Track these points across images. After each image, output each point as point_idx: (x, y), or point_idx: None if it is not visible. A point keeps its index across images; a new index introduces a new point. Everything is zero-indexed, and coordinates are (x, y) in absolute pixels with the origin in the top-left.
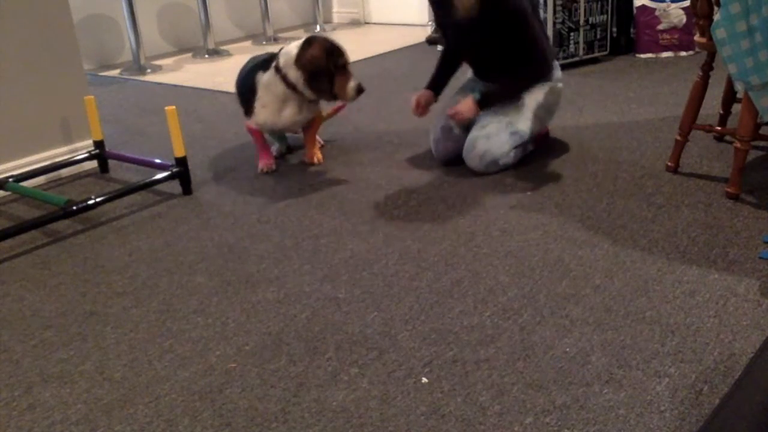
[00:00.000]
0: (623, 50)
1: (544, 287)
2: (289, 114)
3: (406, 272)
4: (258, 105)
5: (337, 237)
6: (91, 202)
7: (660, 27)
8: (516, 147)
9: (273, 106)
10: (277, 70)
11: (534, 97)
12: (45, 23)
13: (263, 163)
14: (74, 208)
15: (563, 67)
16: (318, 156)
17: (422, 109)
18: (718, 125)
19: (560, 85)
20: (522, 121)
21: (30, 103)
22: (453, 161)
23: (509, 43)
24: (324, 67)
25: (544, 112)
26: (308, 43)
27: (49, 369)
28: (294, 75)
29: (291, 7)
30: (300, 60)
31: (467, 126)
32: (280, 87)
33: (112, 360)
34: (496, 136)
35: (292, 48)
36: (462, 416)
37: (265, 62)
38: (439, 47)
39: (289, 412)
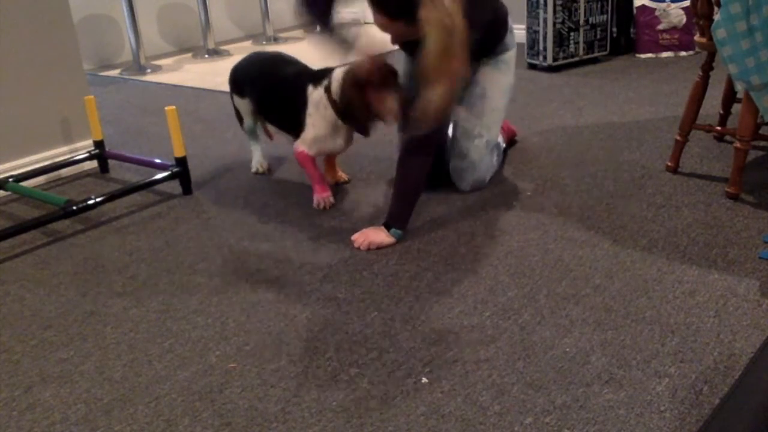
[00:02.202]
0: (623, 50)
1: (544, 287)
2: (340, 141)
3: (406, 272)
4: (309, 123)
5: (337, 237)
6: (91, 202)
7: (660, 27)
8: (496, 159)
9: (324, 129)
10: (328, 92)
11: (498, 90)
12: (45, 23)
13: (321, 197)
14: (74, 208)
15: (563, 67)
16: (341, 174)
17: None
18: (718, 125)
19: (513, 53)
20: (494, 128)
21: (30, 103)
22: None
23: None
24: (357, 103)
25: (508, 98)
26: (343, 77)
27: (49, 369)
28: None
29: (291, 7)
30: (337, 97)
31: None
32: (329, 111)
33: (112, 360)
34: (480, 162)
35: (339, 74)
36: (462, 416)
37: (314, 76)
38: None
39: (289, 412)
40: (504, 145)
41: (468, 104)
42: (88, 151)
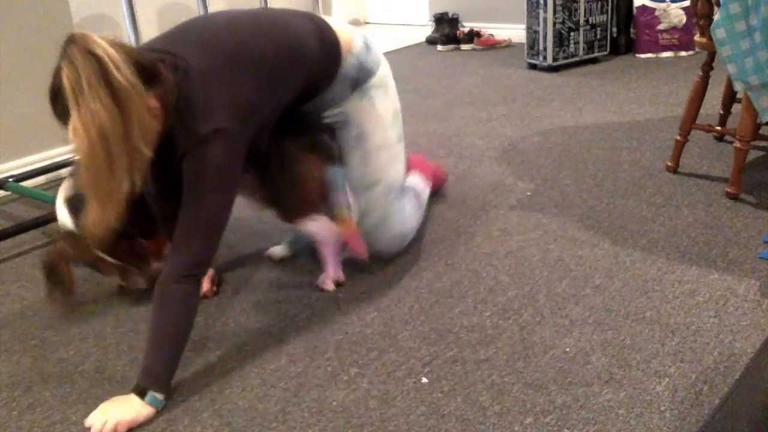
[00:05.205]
0: (623, 50)
1: (544, 287)
2: None
3: (405, 272)
4: None
5: None
6: None
7: (660, 27)
8: (414, 205)
9: None
10: None
11: (377, 123)
12: (45, 23)
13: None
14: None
15: (563, 67)
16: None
17: None
18: (718, 125)
19: (383, 72)
20: (391, 168)
21: (30, 103)
22: None
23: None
24: None
25: (398, 126)
26: None
27: (49, 369)
28: None
29: (291, 7)
30: None
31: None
32: None
33: (112, 360)
34: (388, 215)
35: None
36: (462, 416)
37: None
38: (439, 47)
39: (289, 412)
40: (426, 191)
41: (346, 151)
42: None
